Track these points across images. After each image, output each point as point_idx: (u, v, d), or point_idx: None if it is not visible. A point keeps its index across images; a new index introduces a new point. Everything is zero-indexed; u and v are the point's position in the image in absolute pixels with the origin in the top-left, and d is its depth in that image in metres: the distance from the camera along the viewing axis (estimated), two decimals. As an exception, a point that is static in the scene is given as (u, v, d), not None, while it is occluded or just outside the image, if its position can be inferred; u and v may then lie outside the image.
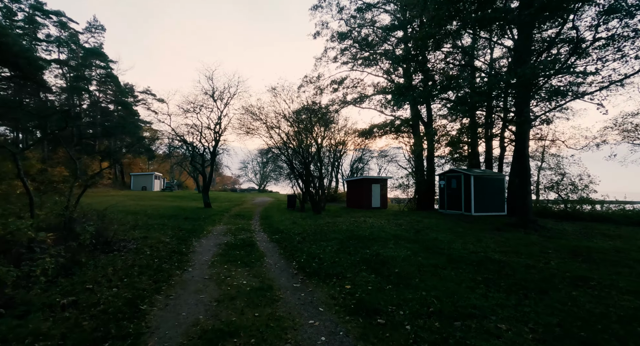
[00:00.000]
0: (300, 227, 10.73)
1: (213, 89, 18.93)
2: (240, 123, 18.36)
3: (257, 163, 66.72)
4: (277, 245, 8.00)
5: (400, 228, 9.92)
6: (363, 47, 18.54)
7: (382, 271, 5.29)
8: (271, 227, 10.97)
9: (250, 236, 9.18)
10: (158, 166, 58.84)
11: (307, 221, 12.63)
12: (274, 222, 12.38)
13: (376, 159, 46.29)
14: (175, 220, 12.33)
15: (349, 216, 14.99)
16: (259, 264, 6.07)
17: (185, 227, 10.26)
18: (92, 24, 35.85)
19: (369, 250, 6.80)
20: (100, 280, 4.56)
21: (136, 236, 8.01)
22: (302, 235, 9.03)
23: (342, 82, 19.84)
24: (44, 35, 33.80)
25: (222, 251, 7.11)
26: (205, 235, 9.33)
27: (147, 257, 6.05)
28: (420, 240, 7.94)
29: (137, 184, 38.98)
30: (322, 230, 9.76)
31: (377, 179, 25.90)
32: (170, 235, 8.76)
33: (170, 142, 21.03)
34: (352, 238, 8.19)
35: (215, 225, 11.81)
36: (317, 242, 7.85)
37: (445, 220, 12.07)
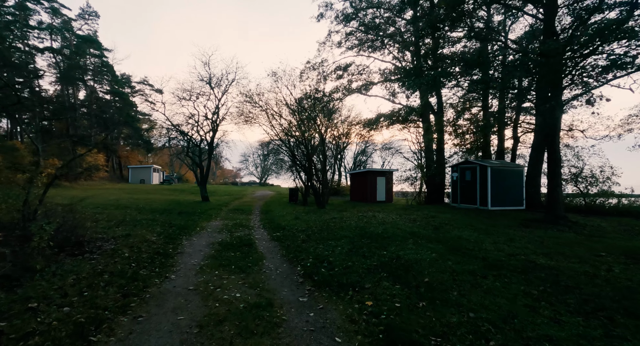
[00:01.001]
0: (303, 222, 9.74)
1: (210, 76, 17.79)
2: (239, 111, 17.27)
3: (257, 156, 65.73)
4: (278, 244, 7.00)
5: (415, 225, 8.90)
6: (369, 30, 17.28)
7: (407, 280, 4.28)
8: (272, 223, 9.98)
9: (248, 233, 8.19)
10: (157, 159, 57.89)
11: (310, 216, 11.63)
12: (275, 217, 11.39)
13: (380, 152, 45.22)
14: (167, 215, 11.35)
15: (355, 210, 13.98)
16: (256, 269, 5.08)
17: (177, 223, 9.28)
18: (85, 10, 34.43)
19: (386, 252, 5.79)
20: (52, 294, 3.56)
21: (118, 234, 7.02)
22: (306, 232, 8.03)
23: (346, 68, 18.63)
24: (36, 22, 32.54)
25: (215, 252, 6.12)
26: (198, 232, 8.34)
27: (123, 261, 5.06)
28: (442, 239, 6.92)
29: (135, 177, 38.06)
30: (329, 226, 8.75)
31: (383, 172, 24.88)
32: (158, 232, 7.77)
33: (167, 132, 19.95)
34: (364, 236, 7.18)
35: (211, 220, 10.83)
36: (325, 241, 6.84)
37: (462, 215, 11.05)
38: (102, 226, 7.82)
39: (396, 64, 18.10)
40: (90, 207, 12.16)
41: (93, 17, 34.77)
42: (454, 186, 14.78)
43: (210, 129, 18.50)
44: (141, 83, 40.13)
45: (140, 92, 41.13)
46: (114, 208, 12.22)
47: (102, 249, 5.70)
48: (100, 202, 14.46)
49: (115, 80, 35.56)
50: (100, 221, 8.77)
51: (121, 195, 19.76)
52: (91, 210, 11.39)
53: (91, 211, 10.95)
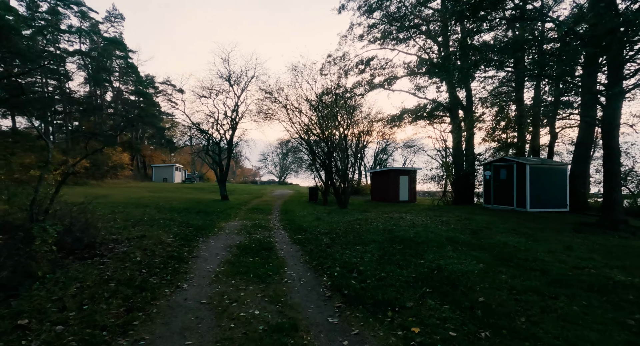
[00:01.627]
0: (326, 224, 9.12)
1: (229, 73, 17.52)
2: (259, 108, 16.90)
3: (277, 155, 65.87)
4: (300, 248, 6.42)
5: (449, 228, 8.06)
6: (394, 21, 16.37)
7: (457, 299, 3.56)
8: (292, 224, 9.43)
9: (268, 235, 7.66)
10: (180, 158, 59.20)
11: (333, 217, 11.00)
12: (296, 218, 10.85)
13: (401, 150, 43.91)
14: (186, 214, 11.07)
15: (379, 211, 13.22)
16: (277, 278, 4.50)
17: (195, 223, 8.91)
18: (111, 13, 35.47)
19: (423, 260, 5.06)
20: (48, 307, 3.13)
21: (132, 235, 6.68)
22: (330, 235, 7.41)
23: (369, 62, 17.80)
24: (66, 26, 33.80)
25: (232, 257, 5.61)
26: (215, 233, 7.92)
27: (133, 266, 4.64)
28: (485, 245, 6.09)
29: (159, 176, 38.89)
30: (354, 228, 8.09)
31: (406, 170, 23.91)
32: (175, 233, 7.40)
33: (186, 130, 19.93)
34: (394, 241, 6.47)
35: (230, 220, 10.43)
36: (351, 246, 6.19)
37: (499, 218, 10.05)
38: (117, 226, 7.55)
39: (422, 55, 17.08)
40: (110, 205, 12.12)
41: (118, 19, 35.76)
42: (487, 185, 13.67)
43: (229, 127, 18.27)
44: (164, 83, 40.87)
45: (163, 92, 41.99)
46: (134, 207, 12.10)
47: (114, 252, 5.33)
48: (121, 200, 14.50)
49: (140, 81, 36.41)
50: (117, 220, 8.55)
51: (143, 193, 19.96)
52: (111, 208, 11.31)
53: (110, 209, 10.86)
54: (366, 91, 17.79)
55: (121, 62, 36.29)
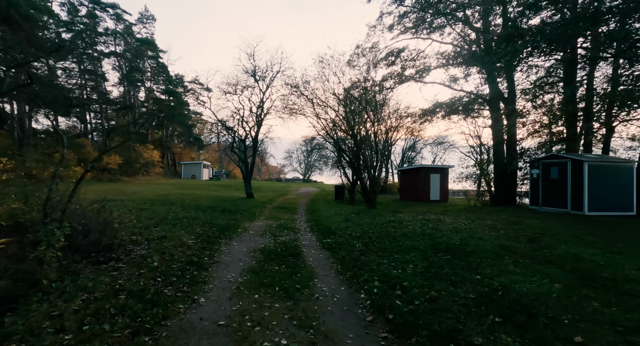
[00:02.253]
0: (357, 226, 8.39)
1: (254, 68, 17.18)
2: (284, 103, 16.42)
3: (301, 153, 65.81)
4: (330, 254, 5.75)
5: (499, 234, 7.06)
6: (427, 8, 15.19)
7: (541, 336, 2.73)
8: (320, 225, 8.79)
9: (294, 238, 7.07)
10: (208, 155, 60.68)
11: (362, 218, 10.25)
12: (323, 218, 10.21)
13: (430, 147, 42.03)
14: (210, 212, 10.78)
15: (411, 212, 12.28)
16: (307, 294, 3.86)
17: (219, 223, 8.52)
18: (143, 14, 36.64)
19: (479, 276, 4.22)
20: (44, 327, 2.69)
21: (154, 235, 6.34)
22: (362, 239, 6.68)
23: (399, 54, 16.75)
24: (103, 29, 35.33)
25: (256, 263, 5.06)
26: (239, 234, 7.45)
27: (149, 273, 4.19)
28: (552, 258, 5.10)
29: (187, 173, 39.91)
30: (388, 232, 7.30)
31: (437, 168, 22.58)
32: (197, 234, 7.00)
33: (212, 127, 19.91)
34: (438, 249, 5.63)
35: (254, 220, 9.99)
36: (389, 254, 5.44)
37: (555, 222, 8.81)
38: (140, 226, 7.28)
39: (460, 44, 15.78)
40: (138, 202, 12.14)
41: (150, 20, 36.86)
42: (534, 185, 12.27)
43: (255, 124, 17.98)
44: (192, 82, 41.84)
45: (192, 91, 42.98)
46: (160, 204, 12.03)
47: (132, 255, 4.95)
48: (149, 197, 14.60)
49: (170, 80, 37.39)
50: (141, 219, 8.34)
51: (171, 190, 20.23)
52: (138, 205, 11.28)
53: (138, 207, 10.80)
54: (396, 84, 16.76)
55: (152, 62, 37.45)
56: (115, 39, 34.60)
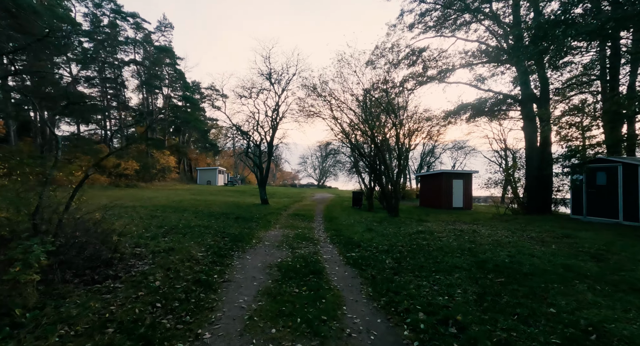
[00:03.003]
0: (382, 237, 7.57)
1: (270, 71, 16.76)
2: (300, 106, 15.85)
3: (315, 158, 65.34)
4: (357, 273, 4.96)
5: (551, 250, 6.07)
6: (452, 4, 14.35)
7: None
8: (341, 235, 8.02)
9: (314, 251, 6.33)
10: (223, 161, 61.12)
11: (386, 227, 9.40)
12: (343, 227, 9.43)
13: (450, 152, 40.57)
14: (224, 220, 10.21)
15: (437, 220, 11.33)
16: (336, 328, 3.10)
17: (231, 232, 7.89)
18: (162, 22, 37.35)
19: (554, 309, 3.33)
20: (-3, 380, 2.05)
21: (160, 247, 5.75)
22: (391, 253, 5.86)
23: (421, 53, 15.91)
24: (123, 37, 36.22)
25: (272, 283, 4.34)
26: (253, 246, 6.77)
27: (147, 296, 3.55)
28: (638, 284, 4.13)
29: (203, 178, 40.01)
30: (420, 245, 6.45)
31: (460, 174, 21.40)
32: (208, 245, 6.38)
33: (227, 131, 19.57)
34: (485, 268, 4.76)
35: (269, 228, 9.32)
36: (427, 273, 4.61)
37: (609, 234, 7.69)
38: (147, 235, 6.73)
39: (486, 41, 14.81)
40: (151, 209, 11.74)
41: (168, 28, 37.54)
42: (577, 192, 11.08)
43: (270, 128, 17.49)
44: (208, 89, 42.22)
45: (208, 97, 43.39)
46: (172, 211, 11.59)
47: (132, 272, 4.34)
48: (163, 203, 14.24)
49: (187, 87, 37.80)
50: (151, 227, 7.83)
51: (186, 196, 19.96)
52: (150, 212, 10.86)
53: (149, 214, 10.37)
54: (417, 85, 15.88)
55: (170, 70, 38.03)
56: (134, 47, 35.34)
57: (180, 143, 41.06)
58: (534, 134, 13.58)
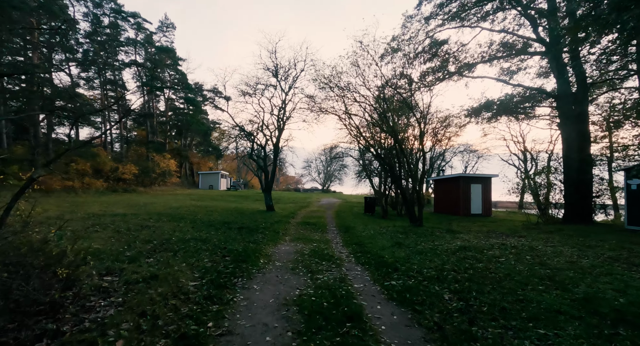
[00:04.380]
0: (419, 255, 6.10)
1: (276, 67, 15.46)
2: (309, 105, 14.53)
3: (320, 162, 63.99)
4: (412, 317, 3.49)
5: (654, 277, 4.59)
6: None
7: None
8: (366, 252, 6.57)
9: (340, 277, 4.86)
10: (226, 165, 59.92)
11: (416, 241, 7.94)
12: (365, 240, 7.97)
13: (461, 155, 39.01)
14: (225, 231, 8.82)
15: (470, 231, 9.86)
16: None
17: (234, 248, 6.48)
18: (163, 22, 36.41)
19: None
20: None
21: (140, 274, 4.34)
22: (446, 283, 4.39)
23: (441, 45, 14.54)
24: (124, 38, 35.30)
25: (293, 336, 2.92)
26: (261, 268, 5.34)
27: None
28: None
29: (205, 183, 38.73)
30: (475, 269, 4.98)
31: (478, 178, 19.93)
32: (203, 268, 4.96)
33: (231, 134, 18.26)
34: (600, 313, 3.29)
35: (278, 241, 7.91)
36: (520, 323, 3.15)
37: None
38: (128, 255, 5.33)
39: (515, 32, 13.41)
40: (143, 218, 10.37)
41: (170, 28, 36.57)
42: (633, 199, 9.57)
43: (275, 128, 16.15)
44: (211, 91, 41.13)
45: (210, 99, 42.29)
46: (168, 220, 10.21)
47: (85, 323, 2.92)
48: (159, 210, 12.88)
49: (189, 88, 36.70)
50: (136, 242, 6.44)
51: (185, 201, 18.62)
52: (142, 220, 9.49)
53: (140, 223, 8.99)
54: (437, 81, 14.48)
55: (171, 71, 36.97)
56: (135, 48, 34.36)
57: (182, 146, 39.89)
58: (573, 133, 12.09)
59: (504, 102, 14.54)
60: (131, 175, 25.63)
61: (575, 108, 12.13)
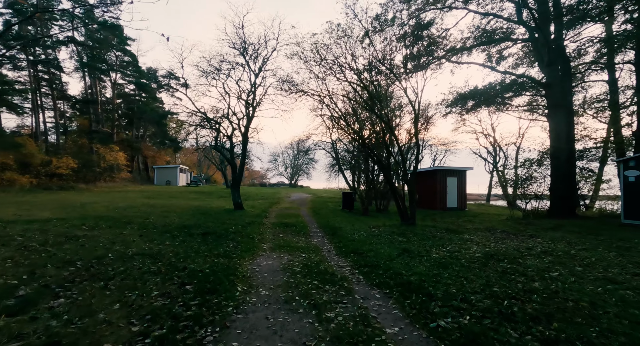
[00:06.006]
0: (446, 269, 4.76)
1: (244, 43, 13.36)
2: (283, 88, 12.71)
3: (287, 156, 61.87)
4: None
5: None
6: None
7: None
8: (372, 265, 5.13)
9: (360, 315, 3.31)
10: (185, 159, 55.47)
11: (424, 246, 6.67)
12: (361, 245, 6.54)
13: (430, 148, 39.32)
14: (185, 238, 6.88)
15: (469, 230, 8.89)
16: None
17: (197, 268, 4.66)
18: (107, -4, 31.70)
19: None
20: None
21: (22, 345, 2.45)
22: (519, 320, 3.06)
23: (427, 28, 13.44)
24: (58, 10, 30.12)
25: None
26: (238, 304, 3.59)
27: None
28: None
29: (161, 178, 35.02)
30: (533, 291, 3.75)
31: (454, 171, 19.55)
32: (149, 312, 3.14)
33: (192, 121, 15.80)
34: None
35: (257, 251, 6.21)
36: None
37: None
38: (20, 295, 3.32)
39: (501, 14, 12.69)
40: (72, 223, 7.99)
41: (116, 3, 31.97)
42: (631, 191, 9.20)
43: (244, 115, 14.12)
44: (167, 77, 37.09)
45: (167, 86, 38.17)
46: (109, 225, 7.96)
47: None
48: (98, 212, 10.40)
49: (139, 71, 32.58)
50: (47, 266, 4.37)
51: (136, 200, 15.93)
52: (67, 230, 7.15)
53: (64, 232, 6.71)
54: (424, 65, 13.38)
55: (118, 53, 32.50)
56: (72, 23, 29.49)
57: (134, 137, 35.64)
58: (562, 124, 11.66)
59: (488, 90, 13.91)
60: (68, 169, 21.88)
61: (566, 97, 11.71)
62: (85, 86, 32.31)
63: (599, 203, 14.81)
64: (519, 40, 12.96)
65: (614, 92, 14.06)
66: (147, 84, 33.09)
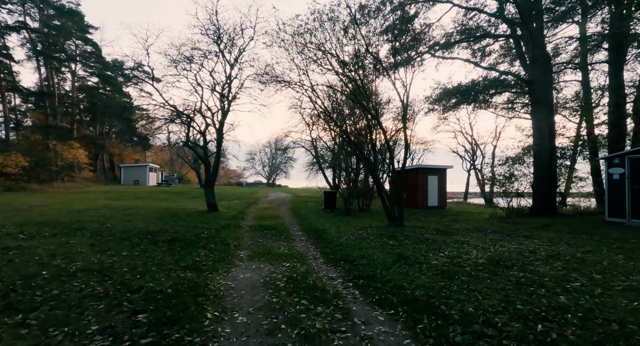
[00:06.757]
0: (453, 281, 4.16)
1: (218, 30, 12.27)
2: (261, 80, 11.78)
3: (265, 155, 60.33)
4: None
5: None
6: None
7: None
8: (367, 276, 4.45)
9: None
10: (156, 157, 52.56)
11: (415, 249, 6.09)
12: (350, 251, 5.83)
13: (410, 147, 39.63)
14: (147, 247, 5.86)
15: (461, 231, 8.47)
16: None
17: (159, 287, 3.74)
18: (66, -22, 28.98)
19: None
20: None
21: None
22: (525, 342, 2.49)
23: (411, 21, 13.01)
24: (7, -7, 27.10)
25: None
26: (209, 337, 2.78)
27: None
28: None
29: (129, 178, 32.66)
30: (561, 307, 3.21)
31: (434, 169, 19.44)
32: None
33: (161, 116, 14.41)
34: None
35: (231, 262, 5.34)
36: None
37: None
38: None
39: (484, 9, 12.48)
40: (10, 229, 6.71)
41: (75, -13, 29.31)
42: (615, 189, 9.16)
43: (218, 109, 13.02)
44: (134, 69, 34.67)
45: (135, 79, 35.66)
46: (54, 233, 6.74)
47: None
48: (47, 217, 9.01)
49: (103, 63, 30.12)
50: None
51: (97, 202, 14.37)
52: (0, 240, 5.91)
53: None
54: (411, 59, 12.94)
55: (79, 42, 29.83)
56: (24, 6, 26.66)
57: (98, 134, 32.98)
58: (545, 121, 11.60)
59: (472, 86, 13.71)
60: (18, 168, 19.59)
61: (548, 94, 11.67)
62: (40, 77, 29.39)
63: (571, 200, 15.12)
64: (501, 36, 12.85)
65: (587, 92, 14.40)
66: (112, 76, 30.64)
